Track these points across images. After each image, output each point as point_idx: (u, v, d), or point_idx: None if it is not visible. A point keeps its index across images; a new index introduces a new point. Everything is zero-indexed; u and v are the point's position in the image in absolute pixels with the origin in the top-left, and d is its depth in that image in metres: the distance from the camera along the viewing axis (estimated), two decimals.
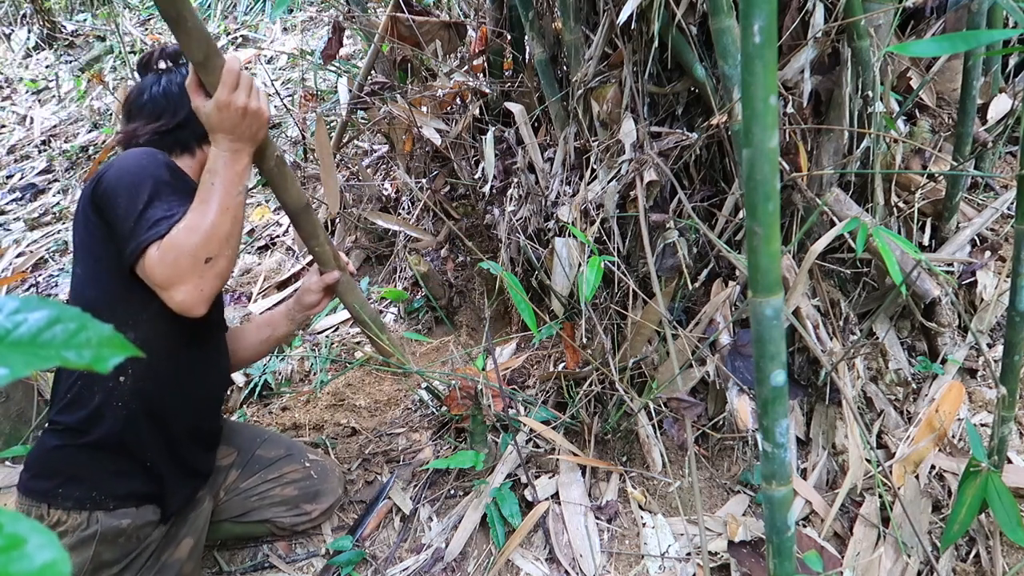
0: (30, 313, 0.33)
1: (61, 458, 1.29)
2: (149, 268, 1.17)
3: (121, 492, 1.31)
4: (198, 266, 1.17)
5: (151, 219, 1.18)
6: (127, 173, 1.23)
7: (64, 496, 1.27)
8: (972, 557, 1.43)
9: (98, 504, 1.28)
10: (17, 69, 5.97)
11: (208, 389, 1.48)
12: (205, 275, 1.18)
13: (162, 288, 1.17)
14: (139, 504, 1.34)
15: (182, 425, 1.39)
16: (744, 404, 1.58)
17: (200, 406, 1.45)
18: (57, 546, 0.27)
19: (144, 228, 1.17)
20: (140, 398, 1.30)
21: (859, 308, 1.74)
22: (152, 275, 1.17)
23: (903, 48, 1.00)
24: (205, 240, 1.16)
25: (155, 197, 1.20)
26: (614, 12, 1.61)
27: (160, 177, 1.24)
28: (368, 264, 2.79)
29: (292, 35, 5.20)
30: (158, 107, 1.39)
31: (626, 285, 1.71)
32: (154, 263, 1.16)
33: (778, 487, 0.95)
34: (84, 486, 1.28)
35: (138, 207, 1.19)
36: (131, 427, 1.29)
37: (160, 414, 1.33)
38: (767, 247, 0.80)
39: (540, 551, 1.58)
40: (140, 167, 1.24)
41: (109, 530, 1.29)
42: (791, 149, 1.58)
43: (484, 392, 1.75)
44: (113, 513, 1.30)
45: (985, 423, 1.63)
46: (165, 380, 1.33)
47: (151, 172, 1.24)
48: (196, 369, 1.40)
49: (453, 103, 2.40)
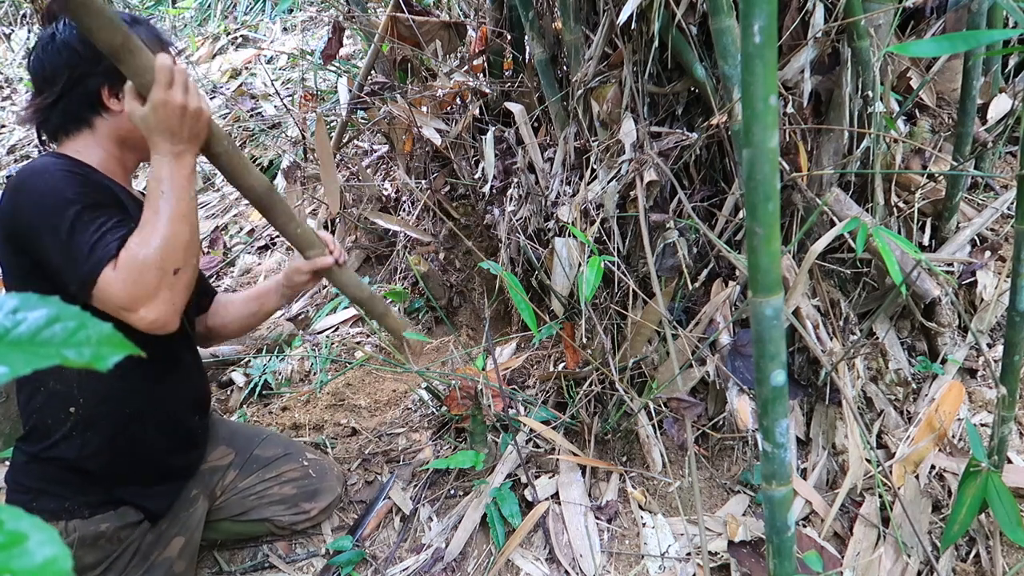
0: (29, 311, 0.33)
1: (30, 474, 1.29)
2: (109, 293, 1.08)
3: (94, 501, 1.30)
4: (167, 279, 1.09)
5: (87, 245, 1.09)
6: (33, 205, 1.12)
7: (39, 509, 1.26)
8: (972, 557, 1.43)
9: (73, 514, 1.28)
10: (17, 69, 5.97)
11: (173, 397, 1.41)
12: (175, 287, 1.11)
13: (129, 310, 1.08)
14: (116, 507, 1.33)
15: (148, 437, 1.35)
16: (744, 404, 1.58)
17: (166, 415, 1.39)
18: (58, 543, 0.27)
19: (84, 257, 1.08)
20: (95, 426, 1.27)
21: (859, 308, 1.74)
22: (115, 298, 1.08)
23: (903, 48, 1.00)
24: (168, 251, 1.09)
25: (77, 221, 1.10)
26: (614, 12, 1.61)
27: (71, 197, 1.12)
28: (368, 264, 2.79)
29: (292, 35, 5.20)
30: (37, 77, 1.24)
31: (626, 285, 1.71)
32: (114, 286, 1.07)
33: (778, 487, 0.95)
34: (56, 499, 1.27)
35: (63, 238, 1.09)
36: (90, 453, 1.27)
37: (120, 434, 1.30)
38: (767, 247, 0.80)
39: (540, 551, 1.58)
40: (47, 191, 1.12)
41: (88, 535, 1.28)
42: (791, 149, 1.58)
43: (484, 392, 1.75)
44: (90, 520, 1.29)
45: (985, 423, 1.63)
46: (120, 403, 1.29)
47: (60, 194, 1.12)
48: (153, 382, 1.34)
49: (453, 103, 2.40)
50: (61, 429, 1.25)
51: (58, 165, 1.18)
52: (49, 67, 1.22)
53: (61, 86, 1.22)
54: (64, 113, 1.24)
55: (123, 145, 1.29)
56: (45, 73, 1.23)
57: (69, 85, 1.22)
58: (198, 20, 6.14)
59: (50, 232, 1.10)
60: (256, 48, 5.03)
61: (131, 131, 1.24)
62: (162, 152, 1.13)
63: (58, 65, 1.21)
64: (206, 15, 6.12)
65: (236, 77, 4.79)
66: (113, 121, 1.26)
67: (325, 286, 2.71)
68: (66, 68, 1.21)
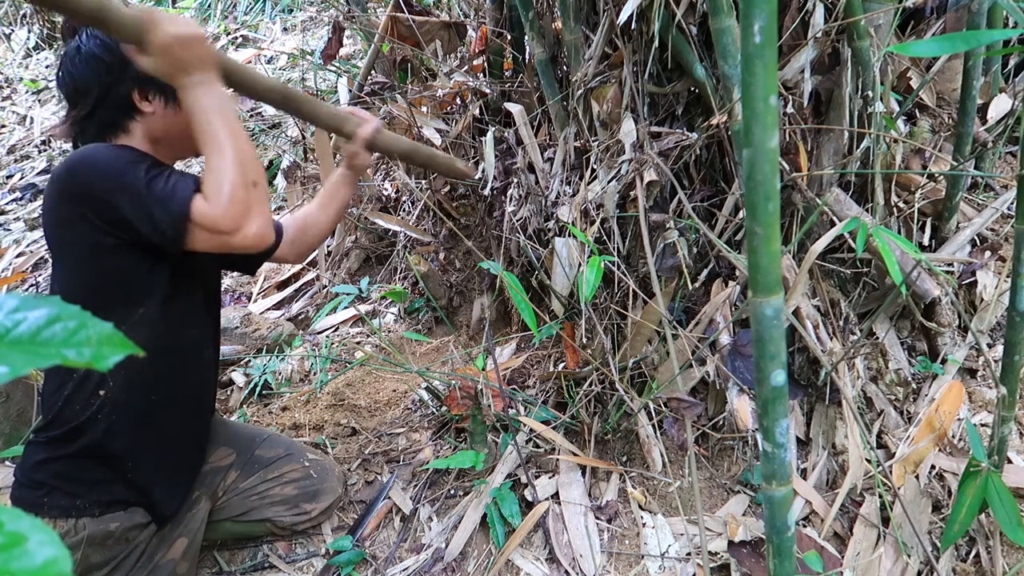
0: (30, 311, 0.33)
1: (45, 470, 1.29)
2: (208, 219, 1.12)
3: (105, 499, 1.31)
4: (252, 191, 1.14)
5: (169, 188, 1.14)
6: (98, 174, 1.17)
7: (50, 506, 1.27)
8: (972, 557, 1.43)
9: (83, 512, 1.29)
10: (17, 69, 5.97)
11: (193, 389, 1.44)
12: (261, 199, 1.15)
13: (232, 231, 1.13)
14: (126, 508, 1.34)
15: (169, 425, 1.38)
16: (744, 404, 1.58)
17: (188, 406, 1.43)
18: (58, 544, 0.27)
19: (171, 197, 1.13)
20: (121, 409, 1.29)
21: (859, 308, 1.74)
22: (216, 223, 1.12)
23: (903, 48, 1.00)
24: (243, 165, 1.13)
25: (148, 174, 1.15)
26: (614, 12, 1.61)
27: (134, 159, 1.19)
28: (368, 264, 2.79)
29: (292, 35, 5.20)
30: (68, 91, 1.28)
31: (626, 285, 1.71)
32: (212, 211, 1.12)
33: (778, 487, 0.95)
34: (69, 496, 1.28)
35: (142, 191, 1.14)
36: (113, 437, 1.29)
37: (143, 421, 1.32)
38: (767, 247, 0.80)
39: (540, 551, 1.58)
40: (109, 159, 1.18)
41: (96, 534, 1.29)
42: (791, 149, 1.58)
43: (484, 392, 1.75)
44: (100, 519, 1.30)
45: (985, 423, 1.63)
46: (147, 388, 1.31)
47: (123, 159, 1.18)
48: (178, 372, 1.37)
49: (453, 103, 2.40)
50: (88, 411, 1.27)
51: (108, 146, 1.23)
52: (80, 80, 1.26)
53: (95, 98, 1.25)
54: (100, 123, 1.28)
55: (158, 144, 1.32)
56: (77, 86, 1.26)
57: (102, 95, 1.25)
58: (198, 20, 6.14)
59: (124, 190, 1.14)
60: (256, 48, 5.03)
61: (165, 129, 1.30)
62: (187, 87, 1.15)
63: (88, 77, 1.25)
64: (206, 15, 6.12)
65: None
66: (146, 122, 1.30)
67: (325, 286, 2.72)
68: (96, 79, 1.24)
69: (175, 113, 1.29)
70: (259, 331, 2.41)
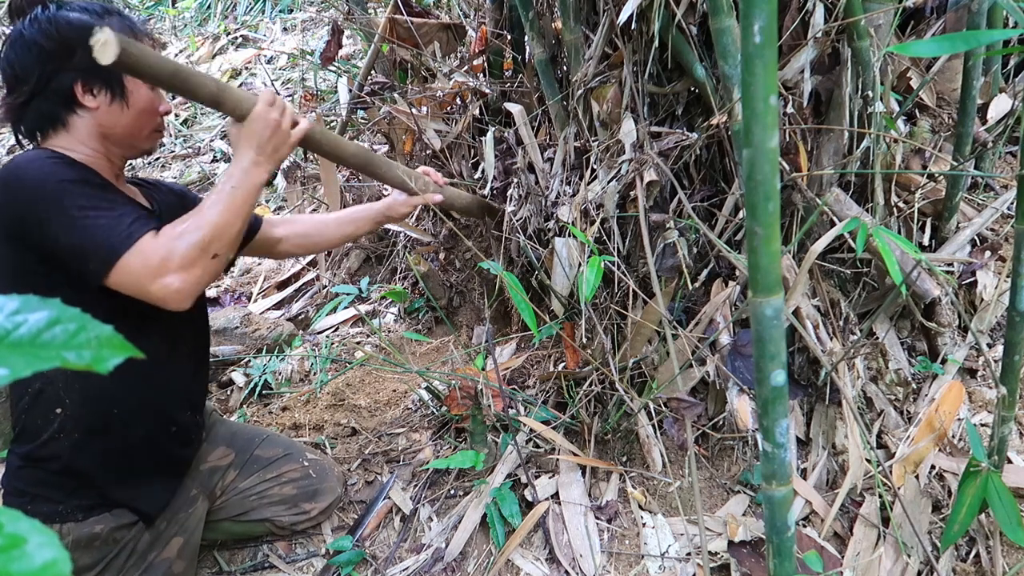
0: (30, 314, 0.33)
1: (24, 478, 1.29)
2: (144, 257, 1.09)
3: (87, 504, 1.30)
4: (204, 258, 1.13)
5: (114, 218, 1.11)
6: (31, 192, 1.10)
7: (33, 512, 1.24)
8: (972, 557, 1.43)
9: (67, 517, 1.28)
10: None
11: (163, 395, 1.38)
12: (207, 269, 1.14)
13: (157, 276, 1.09)
14: (110, 510, 1.32)
15: (138, 435, 1.34)
16: (744, 404, 1.58)
17: (155, 413, 1.37)
18: (57, 545, 0.27)
19: (115, 229, 1.10)
20: (82, 426, 1.26)
21: (859, 308, 1.74)
22: (149, 262, 1.09)
23: (903, 48, 1.00)
24: (217, 235, 1.14)
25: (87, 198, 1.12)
26: (614, 12, 1.61)
27: (73, 177, 1.14)
28: (368, 264, 2.79)
29: (292, 35, 5.20)
30: (7, 76, 1.20)
31: (626, 285, 1.71)
32: (153, 252, 1.09)
33: (778, 487, 0.95)
34: (51, 503, 1.28)
35: (74, 215, 1.09)
36: (78, 453, 1.27)
37: (109, 433, 1.29)
38: (767, 247, 0.80)
39: (540, 551, 1.58)
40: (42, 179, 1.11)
41: (82, 537, 1.28)
42: (791, 149, 1.58)
43: (484, 392, 1.75)
44: (84, 523, 1.29)
45: (985, 423, 1.63)
46: (105, 402, 1.28)
47: (58, 177, 1.12)
48: (139, 384, 1.31)
49: (453, 103, 2.40)
50: (49, 429, 1.25)
51: (47, 155, 1.17)
52: (19, 65, 1.19)
53: (32, 85, 1.18)
54: (38, 112, 1.21)
55: (105, 141, 1.26)
56: (15, 72, 1.19)
57: (41, 83, 1.18)
58: (198, 20, 6.13)
59: (58, 214, 1.09)
60: (256, 48, 5.03)
61: (112, 126, 1.24)
62: (243, 160, 1.20)
63: (27, 63, 1.18)
64: (206, 15, 6.12)
65: (236, 77, 4.80)
66: (91, 118, 1.23)
67: (325, 286, 2.72)
68: (36, 66, 1.18)
69: (122, 110, 1.24)
70: (259, 331, 2.41)
